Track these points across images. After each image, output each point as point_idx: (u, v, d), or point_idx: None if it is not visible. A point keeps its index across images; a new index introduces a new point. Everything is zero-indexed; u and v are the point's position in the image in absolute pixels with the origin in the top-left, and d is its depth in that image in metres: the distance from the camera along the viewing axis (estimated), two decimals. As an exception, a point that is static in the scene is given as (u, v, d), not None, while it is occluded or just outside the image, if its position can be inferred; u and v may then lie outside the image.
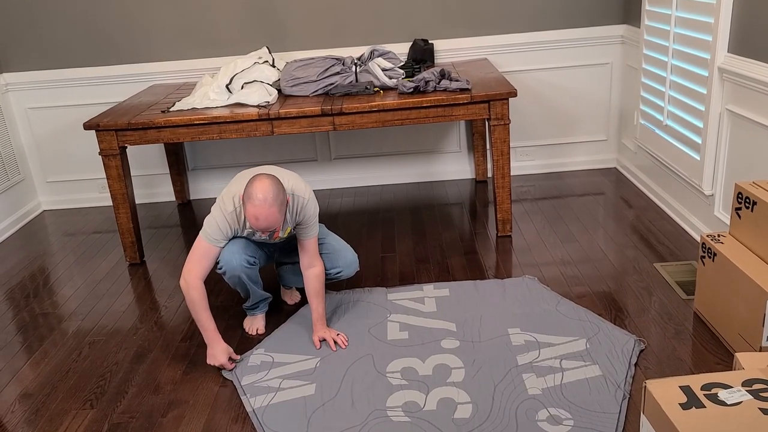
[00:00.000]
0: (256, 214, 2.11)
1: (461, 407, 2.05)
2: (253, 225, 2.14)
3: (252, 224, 2.14)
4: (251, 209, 2.11)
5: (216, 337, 2.34)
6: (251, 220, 2.12)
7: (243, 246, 2.39)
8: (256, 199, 2.10)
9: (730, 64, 2.64)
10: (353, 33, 3.78)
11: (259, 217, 2.11)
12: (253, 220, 2.12)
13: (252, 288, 2.48)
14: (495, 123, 3.02)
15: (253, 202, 2.11)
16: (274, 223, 2.14)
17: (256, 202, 2.10)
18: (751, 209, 2.19)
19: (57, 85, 3.88)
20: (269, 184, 2.12)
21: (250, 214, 2.12)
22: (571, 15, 3.73)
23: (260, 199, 2.10)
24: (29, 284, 3.19)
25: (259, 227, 2.14)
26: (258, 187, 2.11)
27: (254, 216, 2.11)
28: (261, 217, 2.11)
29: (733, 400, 1.52)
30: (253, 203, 2.11)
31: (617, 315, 2.50)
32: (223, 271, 2.38)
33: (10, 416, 2.22)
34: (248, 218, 2.13)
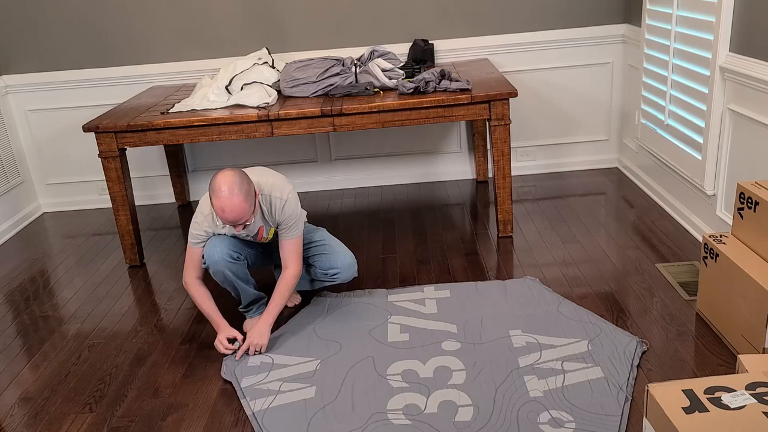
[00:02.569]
0: (222, 205, 2.15)
1: (462, 410, 2.04)
2: (221, 217, 2.17)
3: (219, 216, 2.17)
4: (216, 202, 2.15)
5: (222, 323, 2.45)
6: (218, 212, 2.16)
7: (226, 241, 2.41)
8: (220, 191, 2.15)
9: (732, 63, 2.63)
10: (353, 34, 3.77)
11: (225, 209, 2.15)
12: (220, 212, 2.16)
13: (240, 285, 2.49)
14: (496, 123, 3.00)
15: (217, 195, 2.15)
16: (242, 213, 2.17)
17: (220, 194, 2.14)
18: (753, 209, 2.17)
19: (56, 87, 3.87)
20: (231, 176, 2.17)
21: (216, 207, 2.16)
22: (572, 14, 3.72)
23: (224, 191, 2.14)
24: (29, 287, 3.18)
25: (226, 219, 2.17)
26: (221, 180, 2.16)
27: (220, 208, 2.15)
28: (227, 208, 2.15)
29: (737, 404, 1.51)
30: (217, 196, 2.15)
31: (619, 316, 2.48)
32: (207, 265, 2.41)
33: (10, 420, 2.21)
34: (216, 212, 2.17)
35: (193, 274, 2.43)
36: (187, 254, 2.44)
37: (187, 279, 2.45)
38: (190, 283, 2.45)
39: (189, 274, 2.44)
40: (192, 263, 2.43)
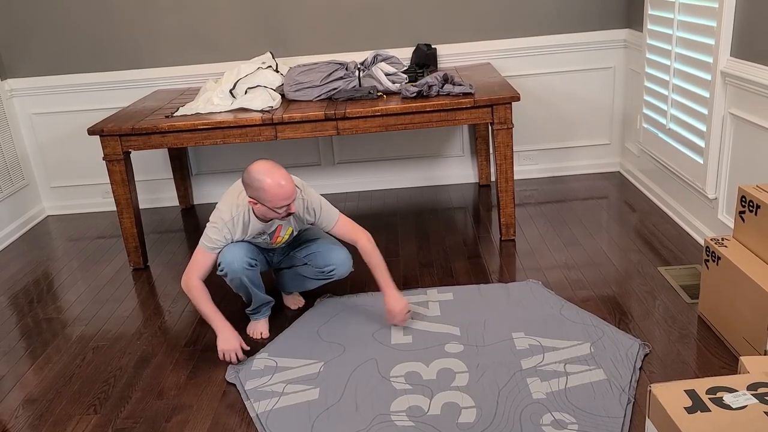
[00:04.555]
0: (278, 181, 2.21)
1: (465, 412, 2.05)
2: (277, 194, 2.21)
3: (275, 194, 2.21)
4: (270, 181, 2.20)
5: (224, 325, 2.41)
6: (275, 189, 2.20)
7: (244, 248, 2.41)
8: (267, 171, 2.21)
9: (733, 67, 2.64)
10: (356, 38, 3.79)
11: (283, 183, 2.21)
12: (277, 187, 2.21)
13: (254, 291, 2.49)
14: (498, 127, 3.02)
15: (268, 173, 2.21)
16: (293, 189, 2.24)
17: (269, 172, 2.21)
18: (755, 213, 2.18)
19: (61, 91, 3.89)
20: (265, 160, 2.26)
21: (273, 185, 2.20)
22: (574, 19, 3.74)
23: (270, 169, 2.22)
24: (33, 289, 3.19)
25: (284, 194, 2.22)
26: (262, 164, 2.24)
27: (278, 184, 2.21)
28: (284, 181, 2.21)
29: (739, 404, 1.52)
30: (269, 174, 2.21)
31: (621, 319, 2.49)
32: (225, 272, 2.41)
33: (14, 421, 2.22)
34: (271, 191, 2.20)
35: (195, 275, 2.39)
36: (198, 257, 2.40)
37: (191, 281, 2.39)
38: (193, 285, 2.39)
39: (193, 275, 2.39)
40: (200, 267, 2.40)
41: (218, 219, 2.37)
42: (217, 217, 2.38)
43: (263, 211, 2.31)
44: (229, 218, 2.36)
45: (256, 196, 2.26)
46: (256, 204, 2.29)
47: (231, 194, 2.41)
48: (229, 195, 2.42)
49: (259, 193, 2.24)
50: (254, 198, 2.28)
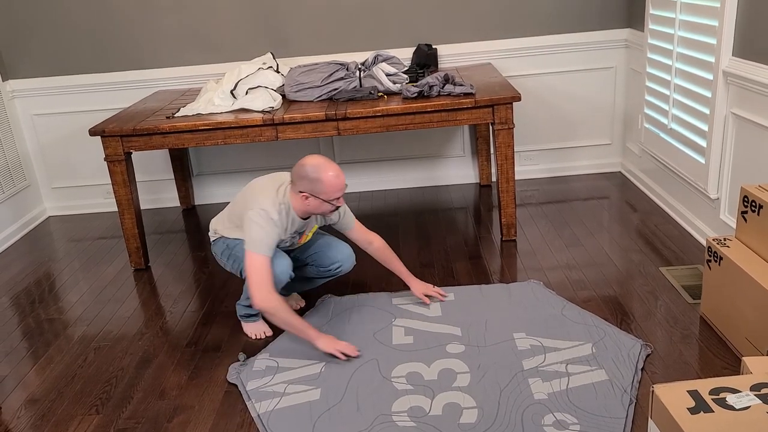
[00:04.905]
0: (336, 172, 2.27)
1: (467, 412, 2.04)
2: (334, 184, 2.25)
3: (332, 184, 2.25)
4: (329, 172, 2.25)
5: (317, 331, 2.35)
6: (332, 179, 2.25)
7: (284, 254, 2.42)
8: (321, 163, 2.26)
9: (735, 67, 2.64)
10: (357, 38, 3.78)
11: (339, 174, 2.27)
12: (334, 178, 2.26)
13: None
14: (499, 127, 3.02)
15: (322, 166, 2.26)
16: (345, 181, 2.31)
17: (324, 164, 2.26)
18: (757, 213, 2.18)
19: (62, 92, 3.89)
20: (316, 155, 2.31)
21: (331, 177, 2.25)
22: (575, 19, 3.73)
23: (323, 161, 2.27)
24: (35, 290, 3.19)
25: (339, 184, 2.27)
26: (315, 159, 2.28)
27: (335, 175, 2.26)
28: (338, 172, 2.27)
29: (742, 404, 1.51)
30: (324, 167, 2.26)
31: (623, 319, 2.49)
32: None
33: (16, 422, 2.22)
34: (328, 183, 2.24)
35: (270, 288, 2.25)
36: (262, 267, 2.24)
37: (271, 295, 2.24)
38: (274, 298, 2.24)
39: (269, 289, 2.24)
40: (267, 275, 2.25)
41: (266, 221, 2.26)
42: (263, 218, 2.26)
43: (315, 205, 2.30)
44: (277, 217, 2.29)
45: (310, 189, 2.27)
46: (307, 198, 2.28)
47: (266, 193, 2.33)
48: (263, 194, 2.33)
49: (315, 185, 2.25)
50: (308, 191, 2.27)
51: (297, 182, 2.30)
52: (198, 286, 3.06)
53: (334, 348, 2.33)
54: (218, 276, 3.15)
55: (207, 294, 2.98)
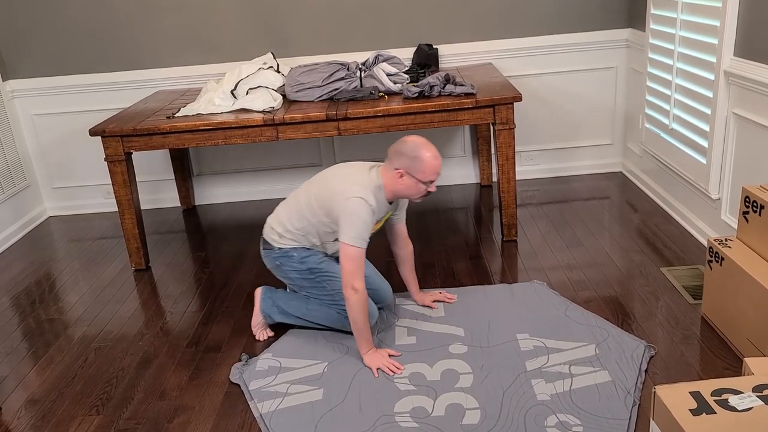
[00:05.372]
0: (435, 153, 2.23)
1: (469, 413, 2.04)
2: (432, 165, 2.22)
3: (432, 165, 2.22)
4: (429, 152, 2.22)
5: (371, 342, 2.31)
6: (431, 160, 2.22)
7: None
8: (423, 142, 2.24)
9: (736, 67, 2.63)
10: (358, 38, 3.78)
11: (438, 156, 2.24)
12: (433, 159, 2.22)
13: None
14: (500, 127, 3.01)
15: (423, 147, 2.22)
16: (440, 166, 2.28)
17: (424, 145, 2.23)
18: (758, 213, 2.18)
19: (62, 92, 3.89)
20: (412, 135, 2.28)
21: (430, 157, 2.22)
22: (576, 19, 3.73)
23: (425, 141, 2.24)
24: (35, 290, 3.19)
25: (437, 166, 2.24)
26: (417, 138, 2.25)
27: (434, 156, 2.23)
28: (437, 153, 2.24)
29: (744, 405, 1.51)
30: (425, 147, 2.22)
31: (624, 320, 2.49)
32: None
33: (17, 422, 2.22)
34: (428, 162, 2.21)
35: (362, 279, 2.22)
36: (358, 258, 2.19)
37: (362, 284, 2.21)
38: (363, 289, 2.21)
39: (362, 277, 2.22)
40: (362, 265, 2.22)
41: (365, 211, 2.19)
42: (362, 208, 2.19)
43: (407, 184, 2.25)
44: (374, 203, 2.23)
45: (407, 166, 2.22)
46: (402, 176, 2.24)
47: (358, 177, 2.26)
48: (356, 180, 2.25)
49: (415, 162, 2.21)
50: (405, 168, 2.23)
51: (394, 159, 2.24)
52: (198, 287, 3.06)
53: (381, 364, 2.26)
54: (219, 276, 3.14)
55: (207, 294, 2.98)
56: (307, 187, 2.41)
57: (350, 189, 2.23)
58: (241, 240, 3.53)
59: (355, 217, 2.20)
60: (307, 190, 2.39)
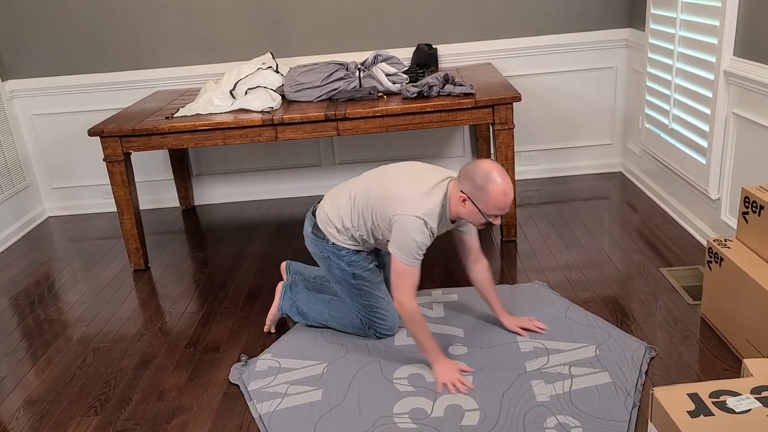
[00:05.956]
0: (505, 189, 2.05)
1: (469, 414, 2.04)
2: (501, 201, 2.05)
3: (498, 200, 2.05)
4: (498, 187, 2.04)
5: (442, 355, 2.21)
6: (499, 197, 2.05)
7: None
8: (495, 176, 2.05)
9: (736, 67, 2.63)
10: (357, 38, 3.78)
11: (508, 192, 2.06)
12: (502, 195, 2.05)
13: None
14: (499, 128, 3.01)
15: (494, 180, 2.04)
16: (511, 202, 2.11)
17: (497, 178, 2.04)
18: (758, 213, 2.17)
19: (62, 92, 3.88)
20: (490, 161, 2.09)
21: (498, 192, 2.04)
22: (576, 19, 3.73)
23: (497, 173, 2.05)
24: (34, 290, 3.19)
25: (505, 202, 2.06)
26: (492, 164, 2.07)
27: (503, 192, 2.05)
28: (509, 190, 2.06)
29: (742, 407, 1.51)
30: (495, 180, 2.04)
31: (623, 320, 2.48)
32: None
33: (15, 423, 2.22)
34: (494, 196, 2.04)
35: (413, 296, 2.15)
36: (411, 274, 2.12)
37: (414, 299, 2.14)
38: (416, 309, 2.14)
39: (414, 293, 2.14)
40: (416, 282, 2.15)
41: (421, 232, 2.09)
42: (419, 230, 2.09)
43: (469, 212, 2.11)
44: (435, 225, 2.12)
45: (473, 194, 2.07)
46: (465, 201, 2.09)
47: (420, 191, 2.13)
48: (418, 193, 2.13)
49: (480, 193, 2.06)
50: (469, 194, 2.08)
51: (462, 180, 2.10)
52: (197, 287, 3.05)
53: (448, 379, 2.15)
54: (218, 277, 3.14)
55: (206, 295, 2.97)
56: (369, 183, 2.27)
57: (410, 204, 2.11)
58: (241, 240, 3.53)
59: (409, 237, 2.10)
60: (368, 188, 2.26)
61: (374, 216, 2.23)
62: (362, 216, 2.26)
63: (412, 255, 2.11)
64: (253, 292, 2.95)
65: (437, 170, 2.24)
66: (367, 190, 2.26)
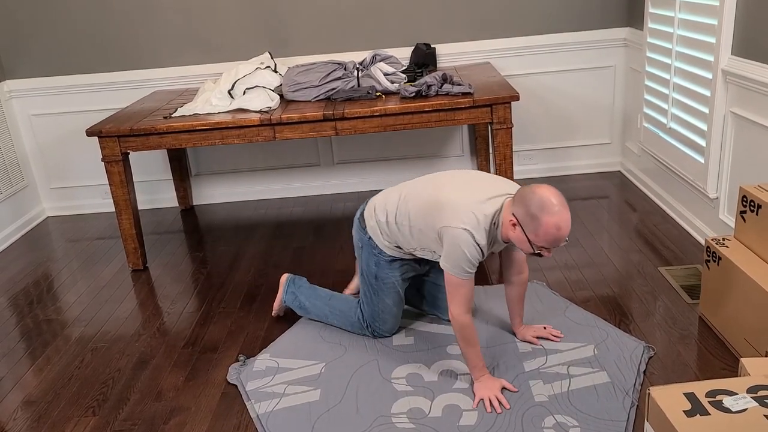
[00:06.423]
0: (559, 223, 1.88)
1: (467, 414, 2.04)
2: (555, 236, 1.90)
3: (549, 234, 1.89)
4: (552, 219, 1.88)
5: (486, 370, 2.14)
6: (553, 231, 1.88)
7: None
8: (552, 206, 1.88)
9: (734, 66, 2.63)
10: (355, 38, 3.77)
11: (563, 226, 1.89)
12: (555, 230, 1.88)
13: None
14: (498, 127, 3.01)
15: (550, 211, 1.88)
16: (565, 237, 1.94)
17: (556, 209, 1.88)
18: (756, 213, 2.17)
19: (60, 92, 3.88)
20: (550, 188, 1.93)
21: (551, 225, 1.88)
22: (574, 18, 3.72)
23: (556, 204, 1.89)
24: (33, 290, 3.18)
25: (558, 237, 1.90)
26: (552, 195, 1.90)
27: (556, 226, 1.88)
28: (564, 224, 1.89)
29: (738, 407, 1.51)
30: (551, 212, 1.88)
31: (621, 320, 2.48)
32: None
33: (12, 423, 2.22)
34: (545, 229, 1.89)
35: (467, 310, 2.06)
36: (457, 287, 2.03)
37: (468, 313, 2.06)
38: (469, 323, 2.06)
39: (469, 306, 2.06)
40: (470, 295, 2.06)
41: (469, 246, 1.98)
42: (467, 243, 1.98)
43: (518, 238, 1.97)
44: (484, 242, 2.00)
45: (524, 220, 1.92)
46: (515, 226, 1.95)
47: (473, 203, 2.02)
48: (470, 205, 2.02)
49: (533, 223, 1.90)
50: (520, 220, 1.93)
51: (516, 203, 1.95)
52: (196, 287, 3.05)
53: (486, 395, 2.08)
54: (216, 277, 3.14)
55: (205, 294, 2.97)
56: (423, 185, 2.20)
57: (459, 216, 2.00)
58: (239, 240, 3.53)
59: (458, 250, 1.99)
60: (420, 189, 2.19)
61: (420, 220, 2.13)
62: (409, 217, 2.17)
63: (461, 268, 2.01)
64: (251, 292, 2.95)
65: (497, 183, 2.11)
66: (418, 190, 2.19)
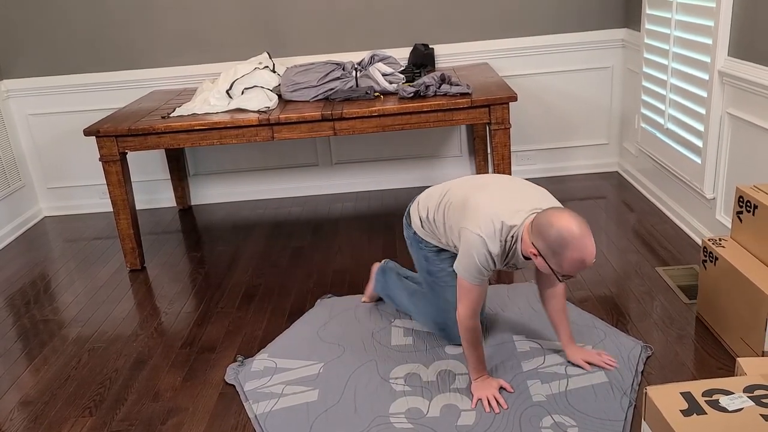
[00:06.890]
0: (584, 257, 1.76)
1: (465, 414, 2.04)
2: (572, 265, 1.78)
3: (572, 266, 1.78)
4: (574, 255, 1.75)
5: (486, 373, 2.13)
6: (577, 264, 1.77)
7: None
8: (574, 238, 1.74)
9: (731, 67, 2.64)
10: (353, 38, 3.78)
11: (587, 259, 1.76)
12: (580, 264, 1.77)
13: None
14: (496, 127, 3.01)
15: (573, 246, 1.75)
16: (587, 266, 1.80)
17: (577, 243, 1.74)
18: (752, 213, 2.18)
19: (57, 92, 3.88)
20: (568, 219, 1.77)
21: (574, 260, 1.76)
22: (572, 19, 3.73)
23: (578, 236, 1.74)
24: (30, 290, 3.18)
25: (579, 267, 1.78)
26: (568, 224, 1.76)
27: (580, 260, 1.76)
28: (589, 257, 1.76)
29: (735, 406, 1.51)
30: (573, 247, 1.75)
31: (619, 320, 2.49)
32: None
33: (9, 424, 2.21)
34: (567, 261, 1.77)
35: (472, 314, 2.02)
36: (465, 290, 2.00)
37: (476, 317, 2.03)
38: (475, 326, 2.04)
39: (477, 311, 2.03)
40: (480, 300, 2.02)
41: (481, 251, 1.92)
42: (478, 247, 1.91)
43: (541, 265, 1.87)
44: (498, 251, 1.92)
45: (546, 254, 1.81)
46: (537, 256, 1.84)
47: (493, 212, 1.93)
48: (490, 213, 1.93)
49: (555, 258, 1.79)
50: (543, 254, 1.82)
51: (534, 233, 1.83)
52: (194, 287, 3.05)
53: (483, 394, 2.07)
54: (214, 277, 3.14)
55: (203, 295, 2.97)
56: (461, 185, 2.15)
57: (480, 221, 1.93)
58: (237, 240, 3.53)
59: (469, 254, 1.94)
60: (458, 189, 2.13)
61: (450, 216, 2.10)
62: (444, 213, 2.13)
63: (471, 273, 1.96)
64: (249, 292, 2.95)
65: (534, 196, 2.00)
66: (458, 188, 2.14)
